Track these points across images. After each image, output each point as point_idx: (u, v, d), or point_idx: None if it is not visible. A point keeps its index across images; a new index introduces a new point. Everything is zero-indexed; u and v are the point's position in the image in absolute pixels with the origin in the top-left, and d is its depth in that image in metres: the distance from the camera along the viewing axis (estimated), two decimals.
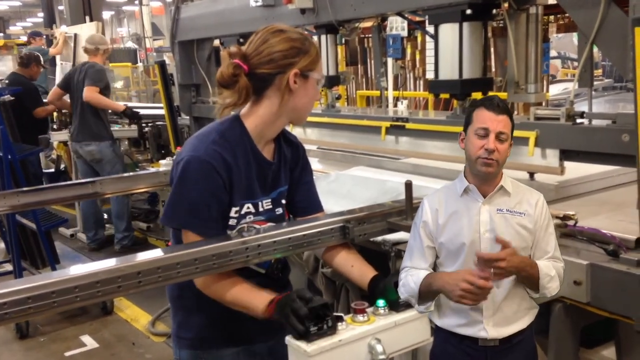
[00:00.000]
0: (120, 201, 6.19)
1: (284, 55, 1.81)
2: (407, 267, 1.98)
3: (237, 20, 4.22)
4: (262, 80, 1.83)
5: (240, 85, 1.80)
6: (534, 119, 2.57)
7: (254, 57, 1.81)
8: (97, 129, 6.03)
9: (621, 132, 2.20)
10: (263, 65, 1.81)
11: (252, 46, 1.83)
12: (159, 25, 16.84)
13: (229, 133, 1.86)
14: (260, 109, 1.87)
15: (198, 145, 1.83)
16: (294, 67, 1.82)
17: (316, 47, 1.92)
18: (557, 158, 2.45)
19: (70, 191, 3.55)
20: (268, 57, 1.81)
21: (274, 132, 1.94)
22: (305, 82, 1.86)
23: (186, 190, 1.80)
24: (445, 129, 2.99)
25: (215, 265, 1.79)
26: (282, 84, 1.82)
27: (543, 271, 1.86)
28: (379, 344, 1.71)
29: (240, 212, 1.90)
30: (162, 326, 4.64)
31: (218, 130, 1.87)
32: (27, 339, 4.59)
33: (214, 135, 1.85)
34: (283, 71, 1.81)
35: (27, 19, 31.73)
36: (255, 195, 1.92)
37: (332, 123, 3.83)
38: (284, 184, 2.01)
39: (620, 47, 2.15)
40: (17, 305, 1.54)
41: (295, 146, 2.07)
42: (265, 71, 1.81)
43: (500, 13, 2.72)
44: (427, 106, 8.09)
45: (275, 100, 1.85)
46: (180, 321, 2.01)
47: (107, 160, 6.05)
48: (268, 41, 1.82)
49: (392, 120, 3.34)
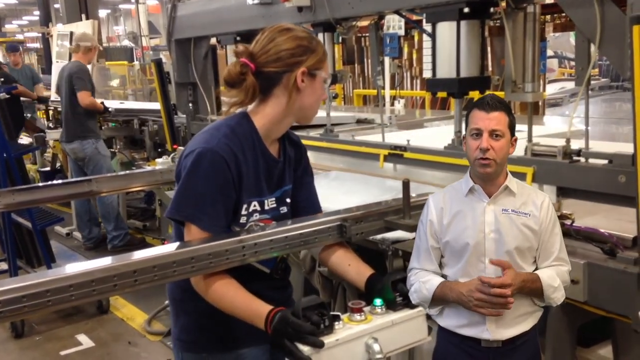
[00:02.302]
0: (103, 201, 6.14)
1: (292, 53, 1.80)
2: (416, 269, 1.98)
3: (234, 19, 4.21)
4: (269, 79, 1.82)
5: (247, 84, 1.80)
6: (530, 154, 2.58)
7: (261, 56, 1.80)
8: (79, 127, 6.02)
9: (617, 173, 2.21)
10: (270, 64, 1.80)
11: (259, 45, 1.83)
12: (155, 24, 16.77)
13: (238, 129, 1.84)
14: (267, 107, 1.86)
15: (210, 138, 1.80)
16: (301, 65, 1.81)
17: (323, 46, 1.91)
18: (554, 195, 2.46)
19: (65, 190, 3.53)
20: (275, 56, 1.80)
21: (280, 131, 1.93)
22: (313, 81, 1.85)
23: (195, 183, 1.76)
24: (443, 160, 3.00)
25: (212, 264, 1.78)
26: (290, 82, 1.81)
27: (546, 282, 1.86)
28: (376, 343, 1.70)
29: (248, 209, 1.88)
30: (158, 325, 4.63)
31: (228, 125, 1.84)
32: (22, 338, 4.57)
33: (225, 129, 1.82)
34: (290, 70, 1.81)
35: (23, 17, 31.63)
36: (262, 193, 1.91)
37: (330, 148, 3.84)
38: (288, 183, 2.00)
39: (618, 46, 2.15)
40: (12, 304, 1.53)
41: (298, 146, 2.07)
42: (272, 70, 1.81)
43: (498, 12, 2.72)
44: (423, 105, 8.11)
45: (283, 99, 1.84)
46: (183, 324, 1.98)
47: (89, 157, 6.03)
48: (275, 40, 1.81)
49: (390, 149, 3.36)
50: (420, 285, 1.92)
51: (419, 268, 1.99)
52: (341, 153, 3.77)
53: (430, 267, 1.97)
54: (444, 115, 5.61)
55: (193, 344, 1.97)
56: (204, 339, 1.95)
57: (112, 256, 1.79)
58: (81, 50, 6.09)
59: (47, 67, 12.57)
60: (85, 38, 6.25)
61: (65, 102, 6.05)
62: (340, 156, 3.78)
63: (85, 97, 5.89)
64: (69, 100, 6.00)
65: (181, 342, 2.00)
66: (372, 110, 6.31)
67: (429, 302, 1.91)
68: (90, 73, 6.21)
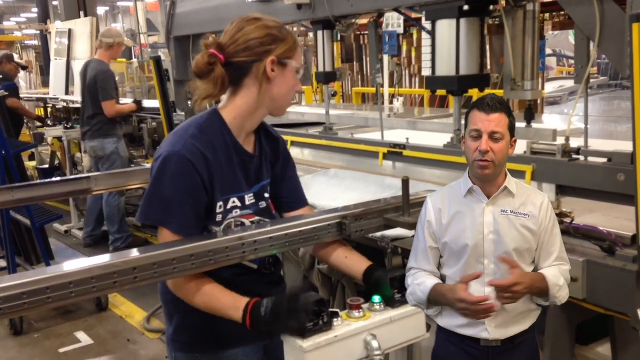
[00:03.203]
0: (109, 203, 6.16)
1: (260, 42, 1.79)
2: (413, 269, 1.98)
3: (233, 16, 4.09)
4: (238, 69, 1.81)
5: (215, 74, 1.78)
6: (530, 152, 2.58)
7: (229, 46, 1.80)
8: (103, 126, 6.05)
9: (616, 171, 2.21)
10: (239, 54, 1.79)
11: (228, 35, 1.82)
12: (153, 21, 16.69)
13: (207, 127, 1.83)
14: (237, 99, 1.85)
15: (176, 140, 1.79)
16: (270, 54, 1.79)
17: (294, 35, 1.88)
18: (553, 192, 2.46)
19: (64, 187, 3.52)
20: (244, 45, 1.79)
21: (253, 124, 1.92)
22: (284, 70, 1.83)
23: (161, 187, 1.76)
24: (442, 158, 3.00)
25: (211, 261, 1.78)
26: (259, 72, 1.80)
27: (552, 281, 1.86)
28: (374, 339, 1.71)
29: (225, 206, 1.86)
30: (157, 322, 4.63)
31: (197, 124, 1.83)
32: (21, 335, 4.58)
33: (193, 130, 1.81)
34: (259, 59, 1.79)
35: (21, 14, 31.55)
36: (241, 188, 1.90)
37: (329, 145, 3.83)
38: (266, 177, 1.99)
39: (617, 44, 2.15)
40: (11, 301, 1.53)
41: (275, 139, 2.05)
42: (241, 59, 1.79)
43: (497, 9, 2.72)
44: (422, 103, 8.10)
45: (254, 89, 1.82)
46: (176, 325, 1.96)
47: (107, 156, 6.06)
48: (243, 29, 1.81)
49: (389, 146, 3.35)
50: (415, 288, 1.92)
51: (416, 268, 1.99)
52: (340, 151, 3.76)
53: (427, 267, 1.97)
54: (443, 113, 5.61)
55: (186, 344, 1.96)
56: (196, 339, 1.94)
57: (112, 253, 1.79)
58: (103, 46, 6.03)
59: (45, 64, 12.52)
60: (108, 34, 6.15)
61: (88, 101, 6.04)
62: (339, 154, 3.77)
63: (110, 107, 5.93)
64: (93, 101, 5.99)
65: (174, 342, 1.99)
66: (370, 108, 6.30)
67: (424, 303, 1.91)
68: (112, 73, 6.17)
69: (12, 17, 30.94)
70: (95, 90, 5.94)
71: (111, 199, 6.10)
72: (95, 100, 5.96)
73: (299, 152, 4.08)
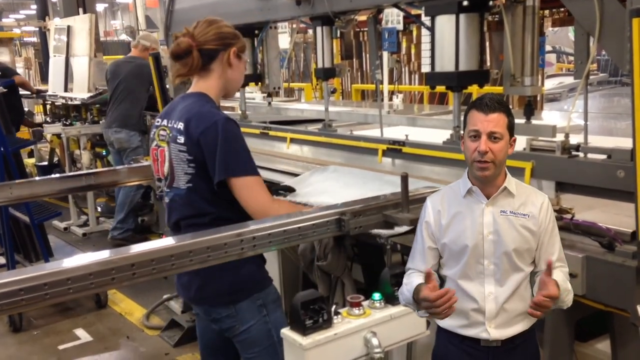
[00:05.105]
0: (126, 192, 6.23)
1: (226, 35, 2.28)
2: (409, 270, 1.97)
3: (232, 12, 4.18)
4: (208, 55, 2.25)
5: (193, 56, 2.21)
6: (529, 149, 2.58)
7: (202, 37, 2.23)
8: (132, 119, 6.16)
9: (616, 168, 2.20)
10: (210, 42, 2.24)
11: (199, 29, 2.25)
12: (152, 18, 16.67)
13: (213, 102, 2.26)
14: (211, 80, 2.29)
15: (214, 111, 2.20)
16: (233, 46, 2.29)
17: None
18: (552, 190, 2.45)
19: (63, 184, 3.52)
20: (214, 36, 2.25)
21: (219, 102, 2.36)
22: (239, 61, 2.33)
23: (238, 144, 2.15)
24: (442, 155, 2.99)
25: (210, 257, 1.78)
26: (224, 58, 2.27)
27: (562, 287, 1.82)
28: (374, 337, 1.70)
29: None
30: (156, 320, 4.63)
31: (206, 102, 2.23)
32: (20, 332, 4.57)
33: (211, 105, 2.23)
34: (224, 48, 2.27)
35: (19, 11, 31.50)
36: None
37: (328, 142, 3.83)
38: None
39: (617, 39, 2.14)
40: (9, 297, 1.52)
41: None
42: (211, 47, 2.24)
43: (497, 5, 2.71)
44: (422, 100, 8.10)
45: (220, 72, 2.29)
46: (232, 280, 2.17)
47: (132, 149, 6.13)
48: (213, 24, 2.26)
49: (389, 143, 3.34)
50: (404, 288, 1.90)
51: (412, 269, 1.97)
52: (339, 148, 3.76)
53: (423, 268, 1.94)
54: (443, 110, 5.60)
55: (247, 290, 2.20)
56: (253, 280, 2.22)
57: (110, 249, 1.78)
58: (139, 47, 6.33)
59: (44, 61, 12.49)
60: (147, 38, 6.55)
61: (121, 93, 6.15)
62: (339, 151, 3.77)
63: None
64: (127, 94, 6.12)
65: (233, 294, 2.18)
66: (370, 105, 6.29)
67: (413, 304, 1.86)
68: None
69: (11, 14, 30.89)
70: (135, 84, 6.09)
71: (129, 188, 6.15)
72: (133, 93, 6.10)
73: (299, 149, 4.07)
